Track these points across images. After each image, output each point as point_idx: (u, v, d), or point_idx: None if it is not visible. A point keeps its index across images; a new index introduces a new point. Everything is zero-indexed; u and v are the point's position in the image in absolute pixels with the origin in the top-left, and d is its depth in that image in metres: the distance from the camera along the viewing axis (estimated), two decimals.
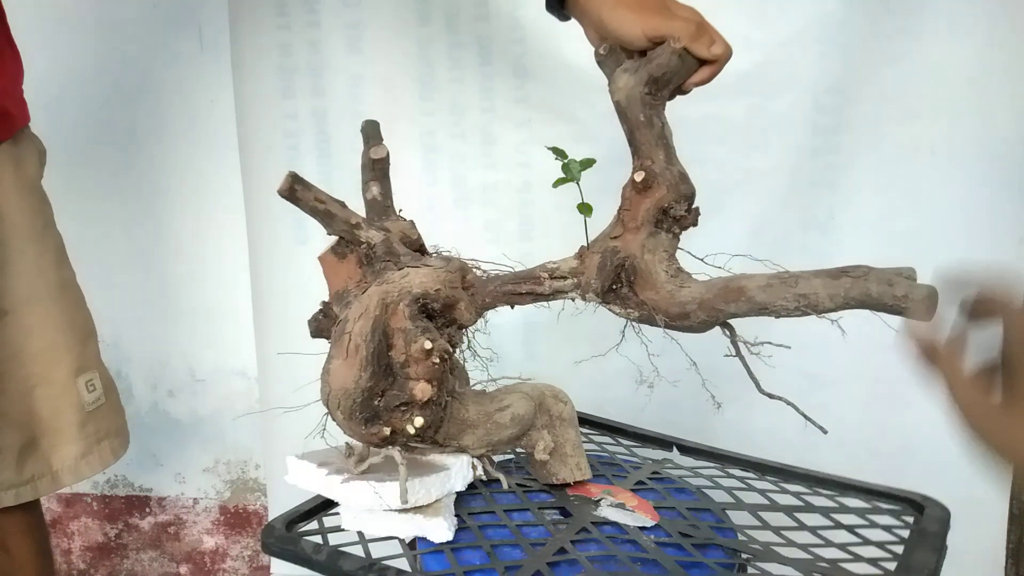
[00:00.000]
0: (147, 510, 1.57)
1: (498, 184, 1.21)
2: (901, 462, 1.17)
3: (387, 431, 0.66)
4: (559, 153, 0.75)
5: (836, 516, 0.75)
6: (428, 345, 0.65)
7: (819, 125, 1.12)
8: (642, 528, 0.72)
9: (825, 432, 0.72)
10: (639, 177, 0.69)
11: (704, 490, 0.82)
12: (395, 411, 0.66)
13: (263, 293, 1.32)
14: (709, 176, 1.13)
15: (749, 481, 0.84)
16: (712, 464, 0.88)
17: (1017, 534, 1.19)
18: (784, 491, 0.81)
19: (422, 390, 0.65)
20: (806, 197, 1.15)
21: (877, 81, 1.10)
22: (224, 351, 1.47)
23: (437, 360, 0.65)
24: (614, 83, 0.72)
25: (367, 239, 0.70)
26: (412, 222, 0.76)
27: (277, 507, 1.36)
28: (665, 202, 0.69)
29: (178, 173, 1.41)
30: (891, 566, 0.67)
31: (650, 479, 0.83)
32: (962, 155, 1.10)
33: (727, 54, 0.72)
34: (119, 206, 1.43)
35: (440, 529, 0.69)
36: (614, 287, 0.69)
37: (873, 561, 0.68)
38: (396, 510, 0.68)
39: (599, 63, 0.74)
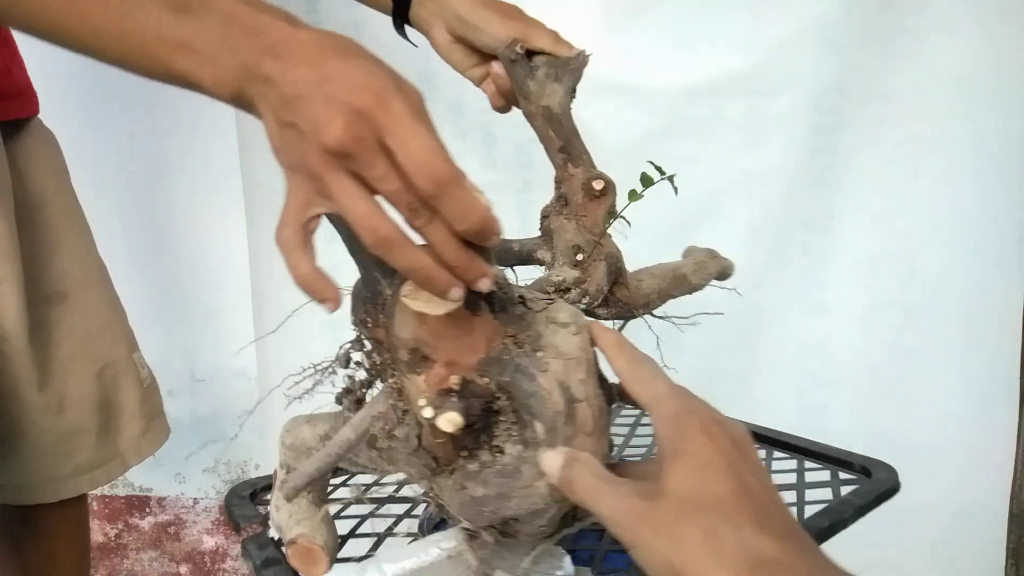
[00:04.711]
0: (147, 510, 1.57)
1: (498, 184, 1.21)
2: (901, 462, 1.17)
3: None
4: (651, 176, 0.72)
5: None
6: None
7: (819, 125, 1.12)
8: None
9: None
10: (599, 185, 0.70)
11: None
12: None
13: (263, 293, 1.32)
14: (709, 176, 1.14)
15: None
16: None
17: (1017, 534, 1.19)
18: None
19: None
20: (806, 197, 1.15)
21: (877, 81, 1.10)
22: (224, 351, 1.47)
23: None
24: (541, 88, 0.72)
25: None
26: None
27: None
28: (613, 207, 0.71)
29: (178, 173, 1.41)
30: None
31: None
32: (962, 155, 1.10)
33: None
34: (118, 206, 1.43)
35: (567, 560, 0.60)
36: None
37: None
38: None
39: (513, 62, 0.72)
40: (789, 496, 0.74)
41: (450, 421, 0.47)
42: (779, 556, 0.38)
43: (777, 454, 0.84)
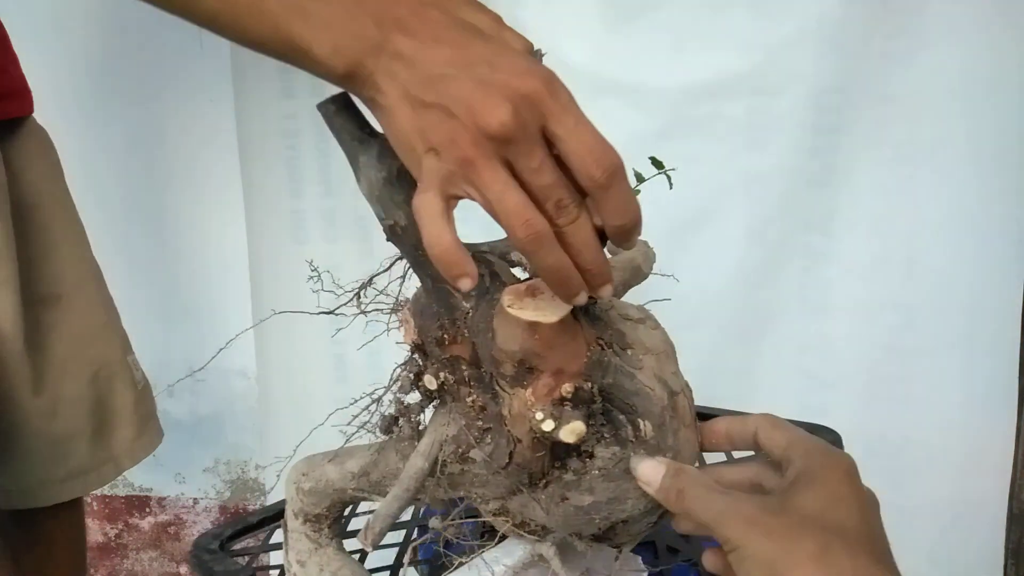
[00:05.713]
0: (147, 510, 1.57)
1: None
2: (900, 462, 1.17)
3: None
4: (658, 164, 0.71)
5: None
6: None
7: (819, 125, 1.12)
8: None
9: None
10: None
11: None
12: None
13: (263, 293, 1.32)
14: (709, 176, 1.14)
15: None
16: None
17: (1017, 534, 1.19)
18: None
19: None
20: (806, 197, 1.15)
21: (877, 81, 1.10)
22: (224, 351, 1.47)
23: None
24: None
25: None
26: None
27: None
28: None
29: (178, 173, 1.41)
30: None
31: None
32: (962, 155, 1.10)
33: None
34: (118, 206, 1.43)
35: (639, 560, 0.61)
36: None
37: None
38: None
39: None
40: None
41: (573, 431, 0.45)
42: None
43: None
